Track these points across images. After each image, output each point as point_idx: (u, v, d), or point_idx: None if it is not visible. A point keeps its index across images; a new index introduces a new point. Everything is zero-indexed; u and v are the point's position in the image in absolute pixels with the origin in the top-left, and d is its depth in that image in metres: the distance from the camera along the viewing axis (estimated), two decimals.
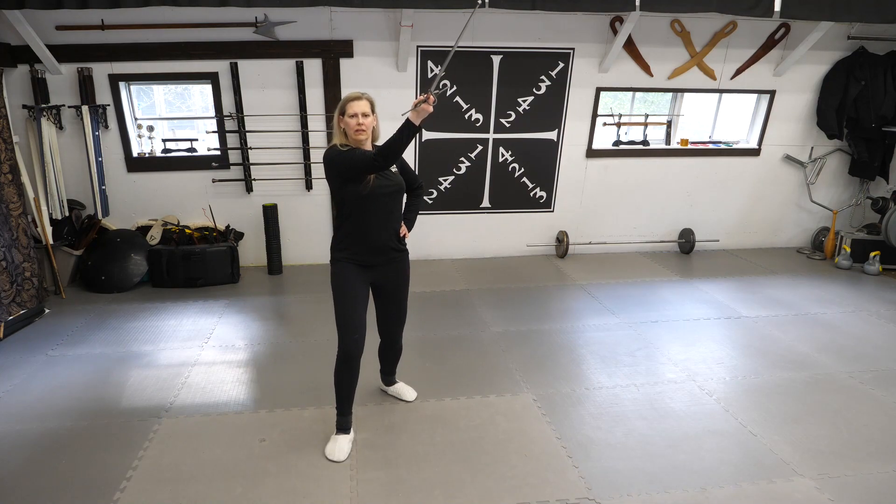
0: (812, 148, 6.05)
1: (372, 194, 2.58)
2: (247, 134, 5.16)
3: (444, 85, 2.39)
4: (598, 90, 5.49)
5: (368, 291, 2.80)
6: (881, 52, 5.62)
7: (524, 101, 5.45)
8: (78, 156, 4.97)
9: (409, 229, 2.93)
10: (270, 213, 5.29)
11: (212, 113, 5.20)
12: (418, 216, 3.10)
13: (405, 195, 2.85)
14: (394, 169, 2.71)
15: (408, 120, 2.34)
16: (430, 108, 2.33)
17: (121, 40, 4.78)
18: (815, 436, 2.97)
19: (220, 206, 5.36)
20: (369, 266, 2.72)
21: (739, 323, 4.38)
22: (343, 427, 2.83)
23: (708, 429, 3.01)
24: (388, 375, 3.29)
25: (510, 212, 5.88)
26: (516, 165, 5.69)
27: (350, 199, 2.60)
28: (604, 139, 5.88)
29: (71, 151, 4.97)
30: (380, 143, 2.70)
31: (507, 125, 5.52)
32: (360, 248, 2.68)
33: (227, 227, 5.36)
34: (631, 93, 5.79)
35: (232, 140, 5.19)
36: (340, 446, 2.77)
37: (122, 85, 4.99)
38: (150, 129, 5.19)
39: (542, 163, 5.72)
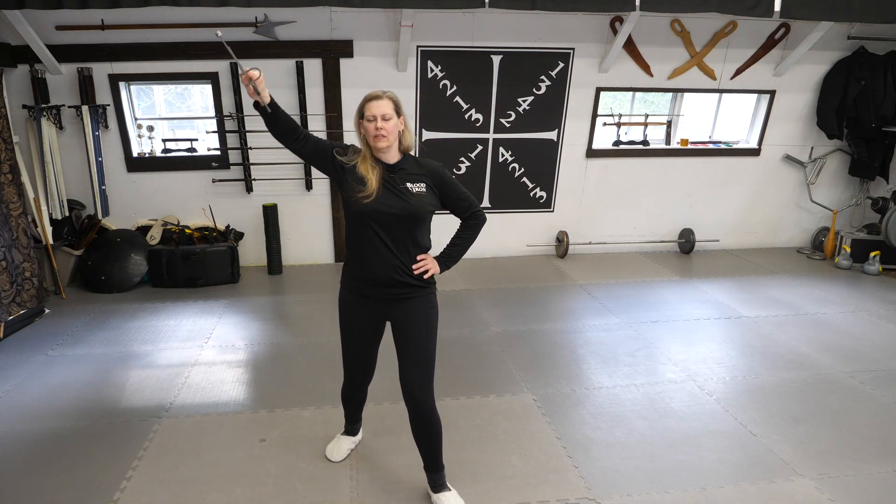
0: (812, 148, 6.05)
1: (366, 214, 2.11)
2: (247, 134, 5.16)
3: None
4: (598, 90, 5.49)
5: (381, 326, 2.35)
6: (881, 52, 5.62)
7: (524, 101, 5.45)
8: (78, 156, 4.97)
9: (444, 268, 2.32)
10: (270, 213, 5.28)
11: (212, 113, 5.20)
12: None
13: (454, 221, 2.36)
14: (415, 189, 2.16)
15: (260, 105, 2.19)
16: (253, 76, 2.12)
17: (121, 40, 4.78)
18: (815, 436, 2.97)
19: (220, 206, 5.36)
20: (370, 298, 2.25)
21: (739, 323, 4.38)
22: (349, 431, 2.82)
23: (708, 429, 3.01)
24: (432, 472, 2.43)
25: (510, 212, 5.88)
26: (516, 165, 5.69)
27: (346, 214, 2.22)
28: (604, 139, 5.88)
29: (71, 151, 4.97)
30: (412, 153, 2.28)
31: (507, 125, 5.52)
32: (357, 275, 2.25)
33: (227, 227, 5.36)
34: (631, 93, 5.79)
35: (232, 140, 5.19)
36: (340, 447, 2.77)
37: (122, 85, 4.99)
38: (150, 129, 5.19)
39: (542, 163, 5.72)
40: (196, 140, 5.34)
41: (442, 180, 2.25)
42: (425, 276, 2.26)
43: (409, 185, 2.16)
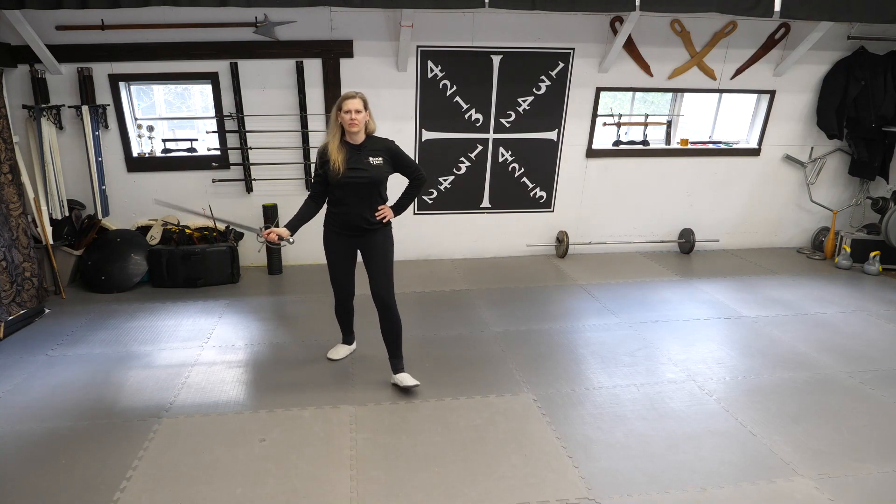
0: (812, 148, 6.05)
1: (342, 183, 3.06)
2: (247, 134, 5.16)
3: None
4: (598, 90, 5.49)
5: (354, 253, 3.33)
6: (881, 52, 5.62)
7: (524, 101, 5.45)
8: (78, 156, 4.97)
9: (397, 213, 3.27)
10: (270, 213, 5.28)
11: (212, 113, 5.21)
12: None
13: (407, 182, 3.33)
14: (374, 161, 3.08)
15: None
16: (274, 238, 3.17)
17: (121, 40, 4.78)
18: (815, 436, 2.97)
19: (220, 206, 5.36)
20: (347, 235, 3.23)
21: (739, 323, 4.38)
22: (346, 342, 3.74)
23: (708, 429, 3.01)
24: (394, 359, 3.38)
25: (510, 212, 5.88)
26: (516, 165, 5.69)
27: (329, 182, 3.11)
28: (604, 139, 5.88)
29: (71, 151, 4.97)
30: (378, 135, 3.19)
31: (507, 125, 5.52)
32: (337, 221, 3.21)
33: (227, 227, 5.36)
34: (631, 93, 5.79)
35: (232, 140, 5.19)
36: (339, 351, 3.71)
37: (122, 85, 4.99)
38: (150, 129, 5.19)
39: (542, 163, 5.72)
40: (196, 140, 5.34)
41: (394, 153, 3.18)
42: (384, 221, 3.22)
43: (370, 158, 3.09)
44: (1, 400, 3.26)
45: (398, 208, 3.29)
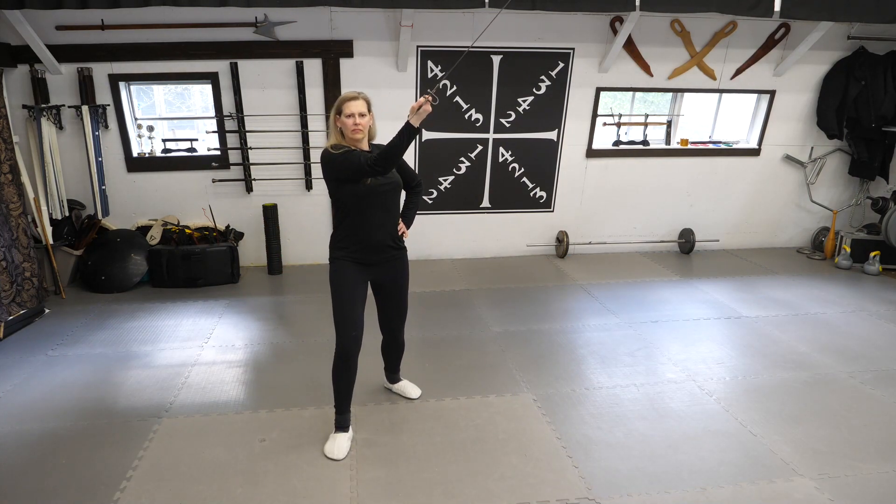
0: (812, 148, 6.05)
1: (370, 193, 2.60)
2: (247, 134, 5.16)
3: (444, 85, 2.40)
4: (598, 90, 5.49)
5: (367, 289, 2.80)
6: (881, 52, 5.62)
7: (524, 101, 5.45)
8: (78, 156, 4.97)
9: (408, 227, 2.92)
10: (270, 213, 5.29)
11: (212, 113, 5.21)
12: (417, 215, 3.16)
13: (403, 193, 2.87)
14: None
15: (408, 123, 2.37)
16: (430, 108, 2.37)
17: (121, 40, 4.78)
18: (815, 436, 2.97)
19: (220, 206, 5.36)
20: (368, 264, 2.74)
21: (739, 323, 4.38)
22: (341, 425, 2.84)
23: (708, 429, 3.01)
24: (392, 373, 3.31)
25: (510, 212, 5.88)
26: (516, 165, 5.69)
27: (347, 197, 2.61)
28: (604, 139, 5.88)
29: (71, 151, 4.97)
30: (376, 142, 2.76)
31: (507, 125, 5.52)
32: (359, 246, 2.69)
33: (227, 227, 5.36)
34: (631, 93, 5.79)
35: (232, 140, 5.19)
36: (339, 444, 2.78)
37: (122, 85, 4.99)
38: (150, 129, 5.19)
39: (542, 163, 5.72)
40: (196, 140, 5.34)
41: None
42: (404, 237, 2.86)
43: None
44: (1, 400, 3.26)
45: (409, 220, 2.94)
